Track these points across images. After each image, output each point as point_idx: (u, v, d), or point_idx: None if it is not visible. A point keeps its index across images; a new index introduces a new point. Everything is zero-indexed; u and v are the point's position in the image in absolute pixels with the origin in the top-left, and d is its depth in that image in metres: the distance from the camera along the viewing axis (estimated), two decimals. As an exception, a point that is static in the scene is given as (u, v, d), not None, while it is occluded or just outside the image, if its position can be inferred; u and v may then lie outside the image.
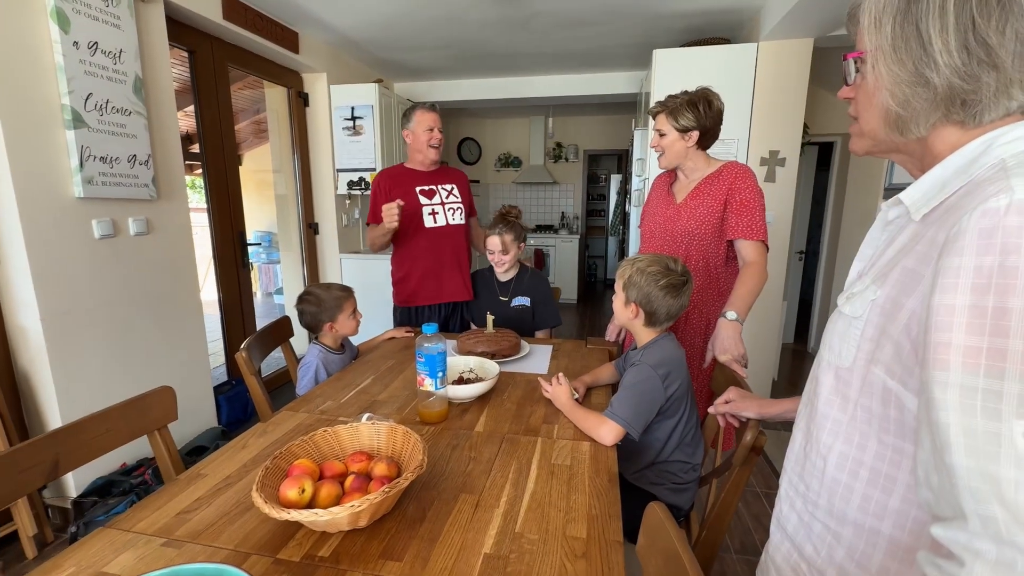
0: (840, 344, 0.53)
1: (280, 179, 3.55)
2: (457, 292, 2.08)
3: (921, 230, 0.48)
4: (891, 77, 0.50)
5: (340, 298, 1.52)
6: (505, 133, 6.50)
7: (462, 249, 2.09)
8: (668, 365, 1.09)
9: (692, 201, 1.50)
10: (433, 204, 2.05)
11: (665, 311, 1.12)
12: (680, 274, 1.13)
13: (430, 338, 1.12)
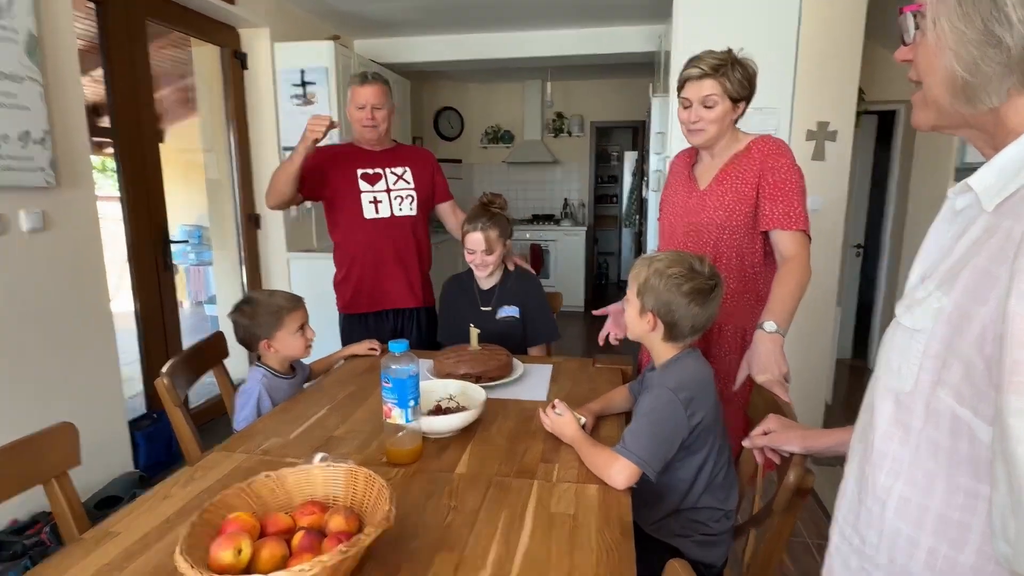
0: (900, 363, 0.53)
1: (212, 160, 3.54)
2: (401, 298, 2.13)
3: (995, 222, 0.48)
4: (956, 36, 0.51)
5: (282, 309, 1.51)
6: (493, 102, 6.53)
7: (410, 246, 2.13)
8: (692, 388, 1.10)
9: (718, 186, 1.52)
10: (375, 191, 2.09)
11: (689, 323, 1.12)
12: (707, 277, 1.13)
13: (399, 358, 1.12)
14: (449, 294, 2.02)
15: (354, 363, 1.79)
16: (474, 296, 1.97)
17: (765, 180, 1.43)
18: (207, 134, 3.52)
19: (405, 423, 1.12)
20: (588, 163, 6.52)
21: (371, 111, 2.03)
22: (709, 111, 1.46)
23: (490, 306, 1.95)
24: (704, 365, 1.17)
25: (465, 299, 1.98)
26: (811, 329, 3.02)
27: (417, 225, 2.13)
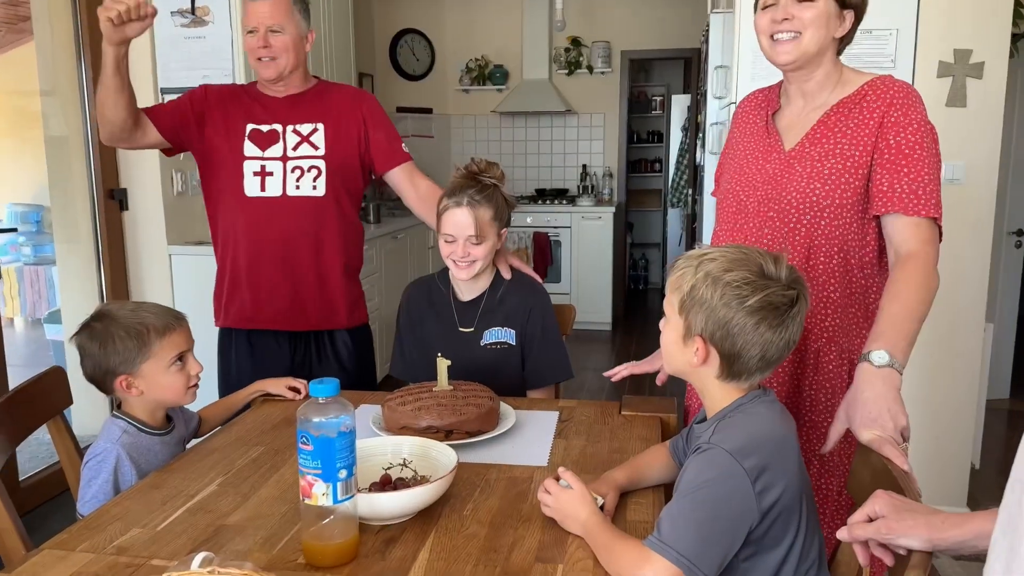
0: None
1: (55, 108, 3.54)
2: (306, 315, 2.17)
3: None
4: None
5: (148, 331, 1.50)
6: (479, 21, 6.59)
7: (317, 242, 2.14)
8: (764, 452, 1.08)
9: (814, 146, 1.50)
10: (265, 157, 2.11)
11: (758, 353, 1.12)
12: (786, 284, 1.12)
13: (324, 406, 1.11)
14: (411, 307, 2.03)
15: (262, 412, 1.79)
16: (449, 311, 1.97)
17: (884, 141, 1.43)
18: (48, 70, 3.51)
19: (332, 504, 1.11)
20: (618, 113, 6.56)
21: (265, 35, 2.05)
22: (806, 6, 1.43)
23: (471, 327, 1.95)
24: (782, 415, 1.17)
25: (435, 315, 1.99)
26: (946, 357, 3.02)
27: (328, 210, 2.14)
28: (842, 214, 1.47)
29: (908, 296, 1.33)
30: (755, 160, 1.60)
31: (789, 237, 1.52)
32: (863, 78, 1.51)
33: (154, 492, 1.37)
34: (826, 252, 1.49)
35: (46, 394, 1.62)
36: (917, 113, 1.44)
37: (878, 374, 1.26)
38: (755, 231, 1.56)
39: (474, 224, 1.83)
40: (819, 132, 1.51)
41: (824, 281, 1.50)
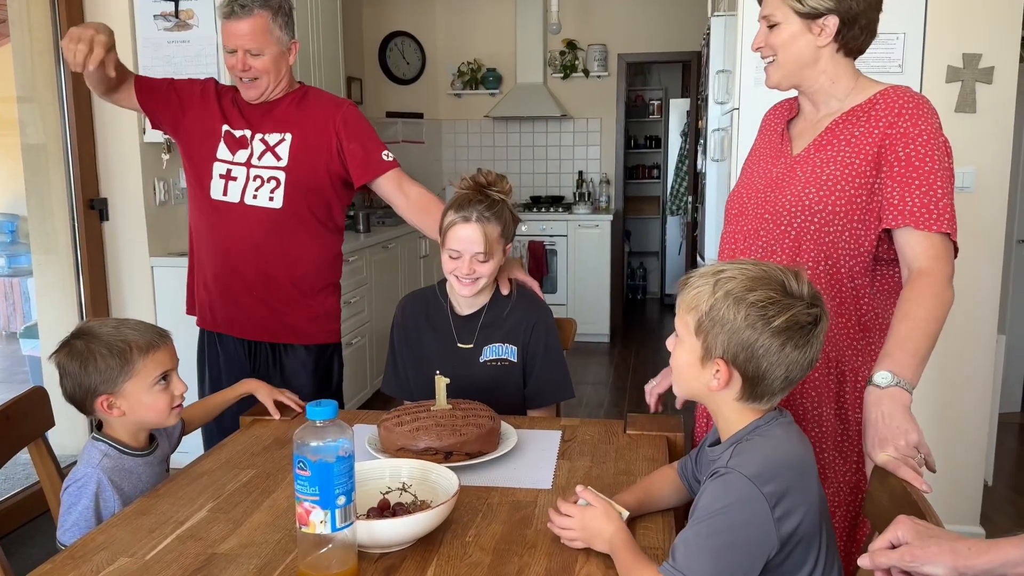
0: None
1: (33, 115, 3.53)
2: (254, 326, 2.23)
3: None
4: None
5: (130, 348, 1.48)
6: (471, 23, 6.61)
7: (269, 253, 2.17)
8: (784, 477, 1.07)
9: (818, 152, 1.52)
10: (234, 162, 2.17)
11: (783, 374, 1.11)
12: (809, 302, 1.12)
13: (322, 429, 1.10)
14: (407, 322, 2.01)
15: (252, 433, 1.77)
16: (447, 325, 1.96)
17: (893, 153, 1.44)
18: (26, 75, 3.49)
19: (331, 532, 1.10)
20: (615, 117, 6.57)
21: (244, 57, 2.07)
22: (773, 31, 1.50)
23: (471, 342, 1.94)
24: (799, 438, 1.16)
25: (432, 330, 1.97)
26: (957, 370, 3.02)
27: (284, 224, 2.17)
28: (833, 220, 1.48)
29: (918, 314, 1.34)
30: (764, 164, 1.63)
31: (778, 240, 1.54)
32: (877, 87, 1.52)
33: (141, 519, 1.35)
34: (813, 257, 1.50)
35: (27, 416, 1.60)
36: (928, 124, 1.44)
37: (884, 394, 1.27)
38: (752, 233, 1.59)
39: (483, 241, 1.82)
40: (825, 138, 1.53)
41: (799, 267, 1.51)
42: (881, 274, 1.53)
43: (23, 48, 3.48)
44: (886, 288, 1.53)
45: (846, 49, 1.50)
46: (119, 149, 3.54)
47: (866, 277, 1.51)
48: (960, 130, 2.92)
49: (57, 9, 3.38)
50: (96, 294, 3.57)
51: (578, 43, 6.37)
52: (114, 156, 3.55)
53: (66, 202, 3.50)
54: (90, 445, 1.50)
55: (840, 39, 1.48)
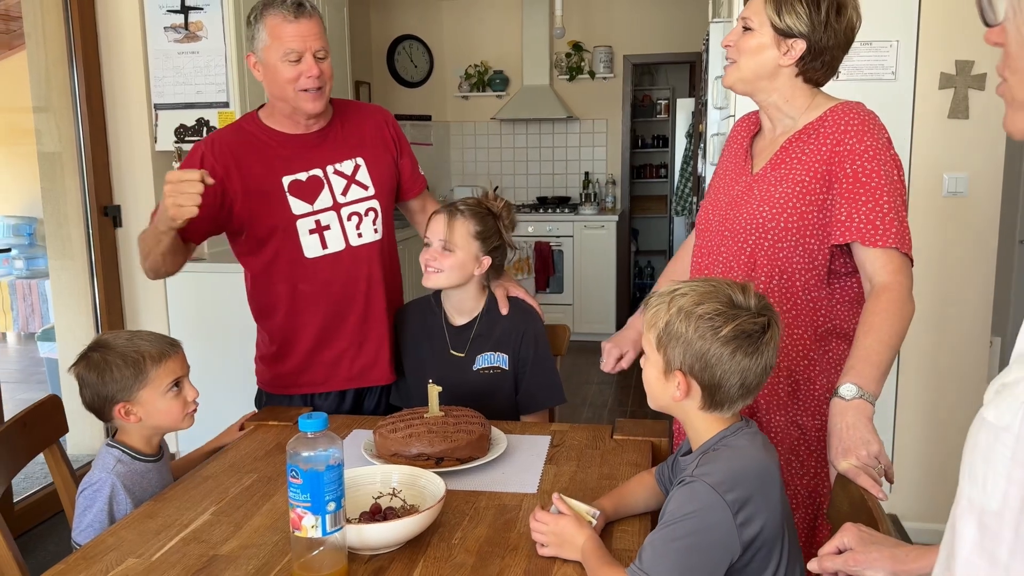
0: (986, 471, 0.59)
1: (48, 124, 3.62)
2: (381, 368, 2.05)
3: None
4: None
5: (144, 358, 1.57)
6: (477, 28, 6.66)
7: (384, 289, 2.02)
8: (747, 484, 1.13)
9: (773, 171, 1.58)
10: (317, 210, 1.94)
11: (738, 381, 1.17)
12: (755, 312, 1.18)
13: (313, 440, 1.17)
14: (406, 330, 2.07)
15: (255, 437, 1.84)
16: (441, 334, 2.02)
17: (841, 169, 1.50)
18: (41, 85, 3.59)
19: (322, 536, 1.16)
20: (621, 118, 6.61)
21: (314, 62, 1.83)
22: (745, 35, 1.56)
23: (463, 351, 2.00)
24: (765, 447, 1.22)
25: (427, 338, 2.03)
26: (950, 373, 3.07)
27: (387, 251, 2.05)
28: (786, 236, 1.54)
29: (881, 328, 1.40)
30: (727, 181, 1.69)
31: (736, 257, 1.60)
32: (829, 104, 1.58)
33: (149, 521, 1.43)
34: (767, 272, 1.57)
35: (42, 423, 1.68)
36: (874, 140, 1.49)
37: (849, 406, 1.33)
38: (714, 249, 1.66)
39: (445, 230, 1.87)
40: (781, 157, 1.59)
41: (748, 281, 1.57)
42: (840, 286, 1.58)
43: (38, 59, 3.58)
44: (846, 299, 1.58)
45: (805, 76, 1.56)
46: (132, 157, 3.63)
47: (822, 290, 1.57)
48: (953, 136, 2.96)
49: (71, 22, 3.47)
50: (110, 298, 3.67)
51: (584, 45, 6.42)
52: (127, 164, 3.64)
53: (81, 209, 3.60)
54: (105, 451, 1.59)
55: (802, 64, 1.53)
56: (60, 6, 3.46)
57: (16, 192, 6.44)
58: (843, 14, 1.52)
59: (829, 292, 1.59)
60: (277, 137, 1.96)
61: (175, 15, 3.51)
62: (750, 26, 1.55)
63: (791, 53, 1.52)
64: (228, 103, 3.53)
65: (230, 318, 3.37)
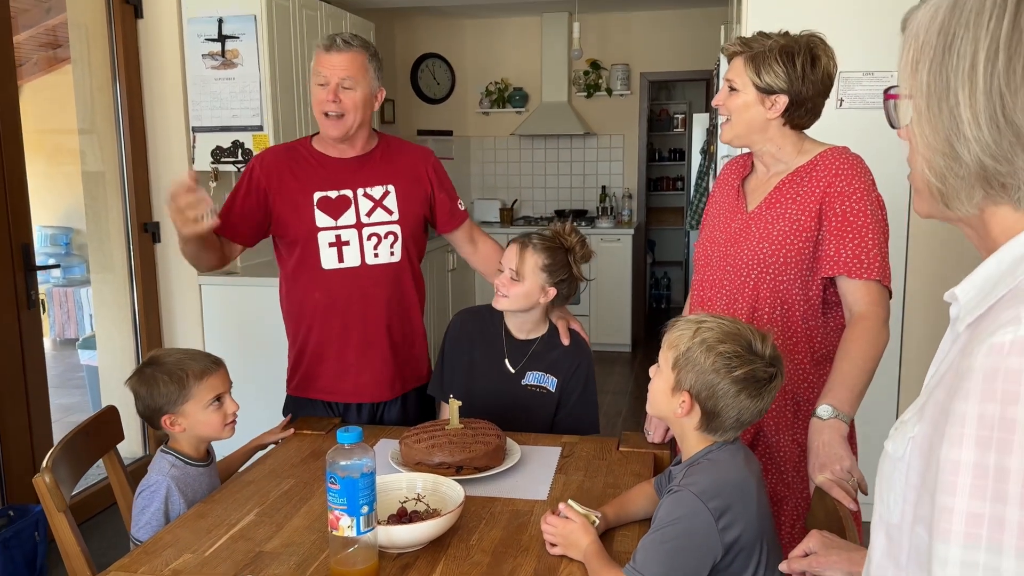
0: (887, 493, 0.72)
1: (92, 145, 3.82)
2: (381, 388, 2.19)
3: (964, 345, 0.68)
4: (924, 142, 0.72)
5: (187, 375, 1.72)
6: (498, 46, 6.83)
7: (396, 310, 2.17)
8: (727, 494, 1.26)
9: (769, 209, 1.72)
10: (340, 226, 2.12)
11: (735, 415, 1.31)
12: (768, 362, 1.31)
13: (349, 451, 1.32)
14: (461, 335, 2.16)
15: (291, 445, 2.00)
16: (500, 345, 2.12)
17: (831, 209, 1.63)
18: (86, 108, 3.79)
19: (356, 535, 1.31)
20: (637, 133, 6.74)
21: (336, 90, 2.02)
22: (732, 96, 1.70)
23: (517, 365, 2.10)
24: (745, 462, 1.36)
25: (485, 345, 2.13)
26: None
27: (404, 275, 2.19)
28: (785, 271, 1.68)
29: (857, 354, 1.54)
30: (723, 219, 1.82)
31: (739, 290, 1.73)
32: (819, 148, 1.72)
33: (200, 521, 1.58)
34: (770, 304, 1.70)
35: (102, 432, 1.85)
36: (861, 183, 1.64)
37: (825, 425, 1.47)
38: (717, 284, 1.79)
39: (517, 260, 1.97)
40: (775, 197, 1.72)
41: (767, 330, 1.70)
42: (833, 315, 1.72)
43: (84, 84, 3.77)
44: (839, 326, 1.71)
45: (791, 124, 1.70)
46: (171, 177, 3.76)
47: (818, 319, 1.71)
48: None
49: (115, 50, 3.65)
50: (149, 310, 3.84)
51: (601, 63, 6.56)
52: (166, 183, 3.77)
53: (122, 225, 3.78)
54: (160, 457, 1.75)
55: (787, 115, 1.67)
56: (105, 35, 3.65)
57: (55, 204, 6.67)
58: (817, 65, 1.65)
59: (824, 320, 1.72)
60: (319, 158, 2.16)
61: (213, 43, 3.69)
62: (735, 87, 1.69)
63: (775, 107, 1.66)
64: (262, 127, 3.71)
65: (263, 329, 3.54)
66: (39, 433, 3.16)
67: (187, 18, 3.71)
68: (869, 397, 1.59)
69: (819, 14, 3.03)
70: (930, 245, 3.10)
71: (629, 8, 6.32)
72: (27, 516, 2.89)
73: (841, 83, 3.09)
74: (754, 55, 1.67)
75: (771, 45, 1.66)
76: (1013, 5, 0.66)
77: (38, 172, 6.65)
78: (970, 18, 0.68)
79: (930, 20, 0.72)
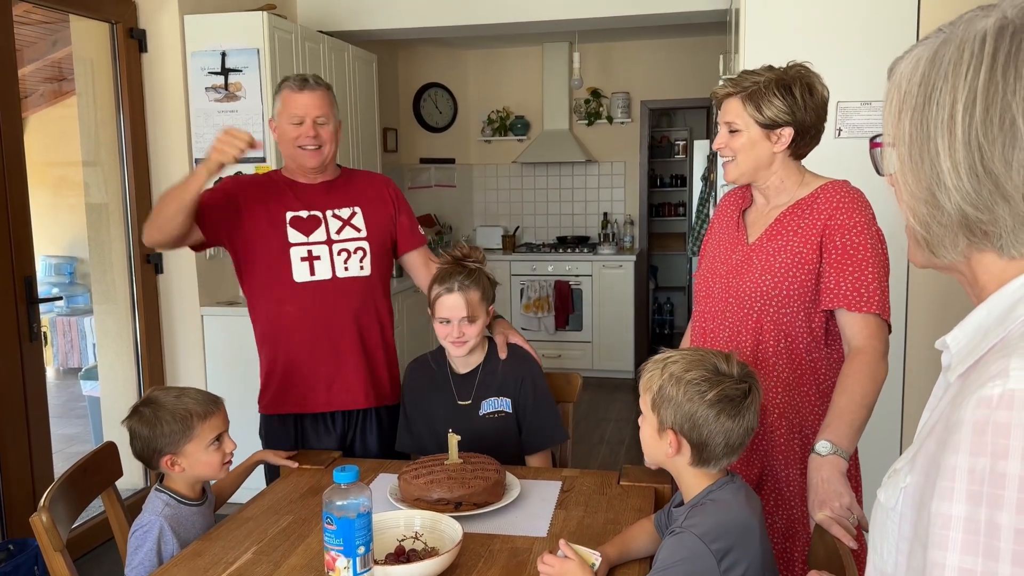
0: (881, 543, 0.72)
1: (96, 178, 3.85)
2: (353, 395, 2.27)
3: (955, 395, 0.68)
4: (907, 190, 0.73)
5: (191, 416, 1.72)
6: (499, 75, 6.89)
7: (366, 320, 2.27)
8: (730, 535, 1.26)
9: (770, 241, 1.73)
10: (311, 242, 2.25)
11: (722, 440, 1.31)
12: (737, 379, 1.32)
13: (346, 490, 1.32)
14: (414, 385, 2.23)
15: (290, 481, 1.99)
16: (448, 385, 2.17)
17: (831, 242, 1.64)
18: (89, 142, 3.82)
19: (352, 576, 1.31)
20: (639, 160, 6.77)
21: (313, 126, 2.19)
22: (733, 137, 1.71)
23: (469, 399, 2.15)
24: (747, 500, 1.35)
25: (435, 389, 2.18)
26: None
27: (374, 290, 2.31)
28: (788, 303, 1.68)
29: (855, 389, 1.53)
30: (724, 250, 1.82)
31: (743, 322, 1.73)
32: (819, 182, 1.73)
33: (197, 559, 1.58)
34: (774, 336, 1.70)
35: (101, 468, 1.84)
36: (862, 217, 1.64)
37: (824, 461, 1.46)
38: (719, 315, 1.79)
39: (466, 306, 2.03)
40: (776, 229, 1.72)
41: (773, 362, 1.70)
42: (836, 347, 1.72)
43: (88, 117, 3.81)
44: (842, 358, 1.70)
45: (795, 154, 1.71)
46: (173, 208, 3.83)
47: (822, 351, 1.70)
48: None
49: (120, 83, 3.70)
50: (151, 340, 3.86)
51: (602, 91, 6.60)
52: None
53: (125, 256, 3.80)
54: (154, 496, 1.74)
55: (793, 146, 1.68)
56: (110, 68, 3.69)
57: (59, 234, 6.71)
58: (815, 92, 1.67)
59: (827, 352, 1.72)
60: (289, 183, 2.31)
61: (216, 76, 3.73)
62: (736, 127, 1.69)
63: (782, 140, 1.67)
64: (265, 158, 3.74)
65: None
66: (40, 466, 3.16)
67: (191, 51, 3.76)
68: (872, 433, 1.58)
69: (816, 44, 3.06)
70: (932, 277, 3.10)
71: (628, 37, 6.37)
72: (27, 550, 2.87)
73: (839, 113, 3.11)
74: (750, 93, 1.67)
75: (765, 80, 1.67)
76: (989, 57, 0.66)
77: (42, 202, 6.72)
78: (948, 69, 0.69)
79: (912, 70, 0.73)
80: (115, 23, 3.65)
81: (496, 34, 5.98)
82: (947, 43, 0.71)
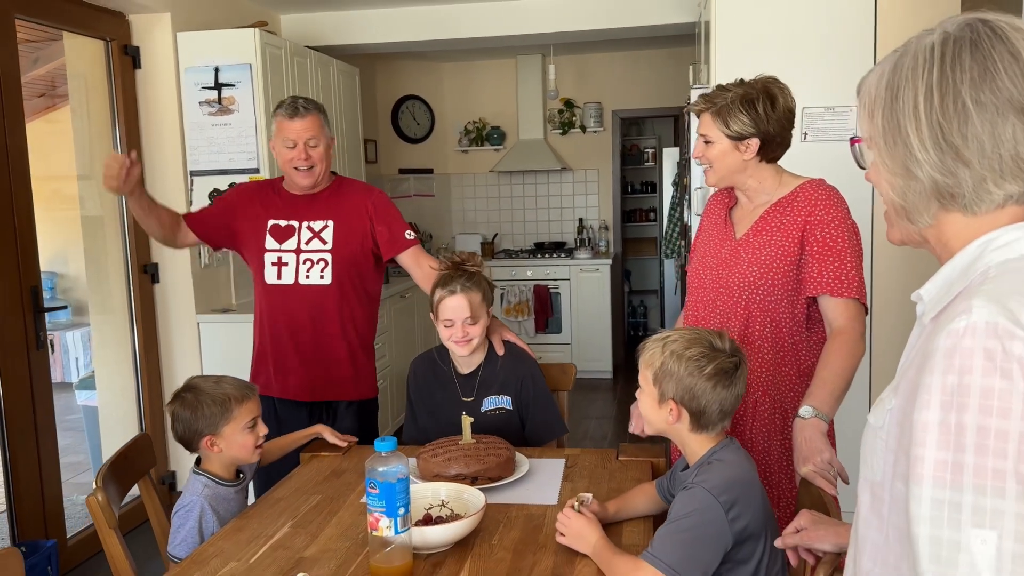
0: (871, 457, 0.90)
1: (91, 191, 3.93)
2: (305, 389, 2.53)
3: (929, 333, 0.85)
4: (886, 169, 0.90)
5: (230, 399, 1.86)
6: (475, 87, 7.05)
7: (327, 326, 2.50)
8: (735, 489, 1.42)
9: (755, 237, 1.90)
10: (282, 249, 2.51)
11: (717, 407, 1.47)
12: (729, 354, 1.49)
13: (386, 458, 1.46)
14: (419, 381, 2.36)
15: (312, 467, 2.12)
16: (452, 383, 2.31)
17: (812, 235, 1.82)
18: (84, 155, 3.91)
19: (394, 535, 1.44)
20: (611, 167, 6.98)
21: (305, 148, 2.43)
22: (708, 147, 1.89)
23: (472, 396, 2.28)
24: (747, 459, 1.52)
25: (440, 387, 2.32)
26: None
27: (330, 298, 2.51)
28: (773, 292, 1.85)
29: (835, 363, 1.72)
30: (714, 245, 1.99)
31: (732, 309, 1.90)
32: (798, 181, 1.90)
33: (239, 534, 1.71)
34: (760, 322, 1.88)
35: (139, 457, 1.97)
36: (839, 212, 1.83)
37: (807, 424, 1.64)
38: (710, 304, 1.96)
39: (469, 307, 2.17)
40: (760, 225, 1.90)
41: (759, 345, 1.88)
42: (816, 331, 1.90)
43: (83, 132, 3.90)
44: (821, 341, 1.89)
45: (767, 159, 1.88)
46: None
47: (803, 334, 1.88)
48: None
49: (114, 98, 3.79)
50: (148, 348, 3.94)
51: (575, 101, 6.80)
52: (164, 225, 3.93)
53: (122, 267, 3.89)
54: (193, 478, 1.87)
55: (761, 153, 1.86)
56: (104, 84, 3.79)
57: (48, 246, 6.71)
58: (776, 104, 1.84)
59: (808, 336, 1.90)
60: (282, 193, 2.59)
61: (209, 91, 3.84)
62: (709, 139, 1.87)
63: (750, 149, 1.85)
64: (258, 169, 3.85)
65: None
66: (48, 470, 3.25)
67: (184, 67, 3.86)
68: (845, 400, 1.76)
69: (781, 56, 3.27)
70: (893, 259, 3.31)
71: (600, 50, 6.57)
72: (40, 551, 2.96)
73: (805, 118, 3.31)
74: (719, 109, 1.85)
75: (731, 97, 1.84)
76: (939, 59, 0.85)
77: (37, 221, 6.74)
78: (908, 73, 0.87)
79: (878, 79, 0.91)
80: (109, 40, 3.75)
81: (472, 47, 6.15)
82: (904, 55, 0.89)
